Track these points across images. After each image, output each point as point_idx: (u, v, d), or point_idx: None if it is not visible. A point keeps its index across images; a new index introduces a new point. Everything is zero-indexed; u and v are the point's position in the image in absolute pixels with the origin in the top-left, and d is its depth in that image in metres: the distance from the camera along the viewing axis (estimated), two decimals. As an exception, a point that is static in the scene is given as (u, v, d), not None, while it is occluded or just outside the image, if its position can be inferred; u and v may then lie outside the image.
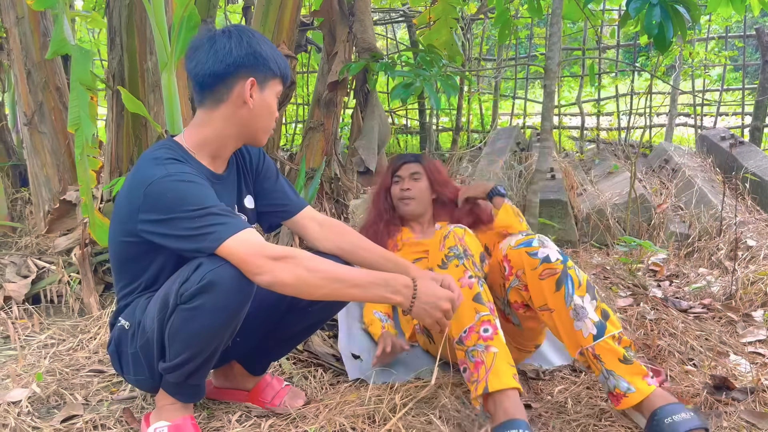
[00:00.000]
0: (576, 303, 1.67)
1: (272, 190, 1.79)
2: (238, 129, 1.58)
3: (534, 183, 3.03)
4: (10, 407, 1.75)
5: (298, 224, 1.81)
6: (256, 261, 1.38)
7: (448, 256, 1.78)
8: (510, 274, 1.80)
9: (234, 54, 1.51)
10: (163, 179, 1.41)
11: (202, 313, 1.43)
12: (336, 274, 1.44)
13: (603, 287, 2.78)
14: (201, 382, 1.61)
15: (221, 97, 1.54)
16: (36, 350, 2.24)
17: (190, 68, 1.56)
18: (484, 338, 1.67)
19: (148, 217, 1.43)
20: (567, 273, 1.70)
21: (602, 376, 1.64)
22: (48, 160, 3.06)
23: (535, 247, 1.75)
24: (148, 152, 1.55)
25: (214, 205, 1.42)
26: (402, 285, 1.49)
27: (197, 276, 1.41)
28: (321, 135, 3.35)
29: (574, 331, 1.67)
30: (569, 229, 3.70)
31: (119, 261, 1.61)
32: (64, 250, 2.91)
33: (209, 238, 1.39)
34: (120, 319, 1.61)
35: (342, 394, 1.91)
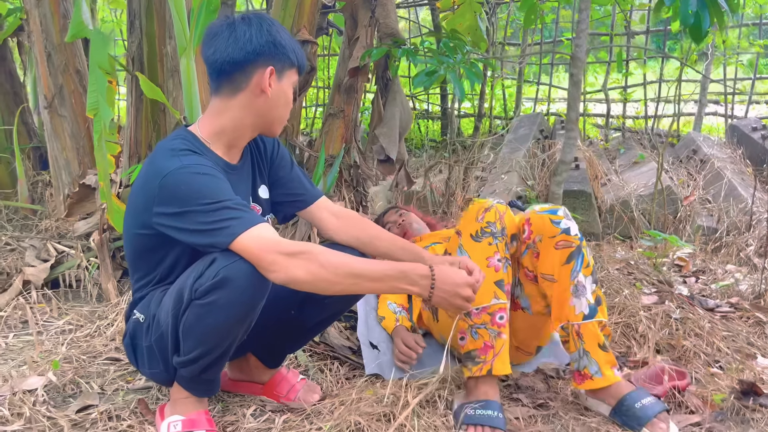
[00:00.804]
0: (579, 280, 1.72)
1: (287, 179, 1.76)
2: (254, 118, 1.55)
3: (558, 174, 2.96)
4: (26, 396, 1.75)
5: (313, 215, 1.79)
6: (269, 257, 1.35)
7: (484, 231, 1.76)
8: (528, 238, 1.80)
9: (254, 42, 1.48)
10: (179, 171, 1.39)
11: (216, 309, 1.41)
12: (352, 269, 1.41)
13: (627, 283, 2.71)
14: (216, 377, 1.60)
15: (239, 85, 1.51)
16: (54, 336, 2.25)
17: (208, 55, 1.52)
18: (498, 324, 1.71)
19: (163, 210, 1.41)
20: (580, 250, 1.74)
21: (576, 354, 1.73)
22: (68, 144, 3.05)
23: (560, 217, 1.76)
24: (164, 143, 1.52)
25: (229, 199, 1.40)
26: (419, 275, 1.47)
27: (212, 271, 1.39)
28: (341, 121, 3.29)
29: (568, 305, 1.73)
30: (593, 221, 3.62)
31: (134, 253, 1.59)
32: (84, 234, 2.91)
33: (223, 233, 1.36)
34: (135, 312, 1.60)
35: (358, 389, 1.88)
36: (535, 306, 1.90)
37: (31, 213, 3.24)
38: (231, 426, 1.70)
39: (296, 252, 1.36)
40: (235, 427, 1.69)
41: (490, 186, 4.32)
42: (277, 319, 1.75)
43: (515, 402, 1.89)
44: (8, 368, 1.94)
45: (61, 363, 1.99)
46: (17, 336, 2.24)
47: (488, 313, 1.72)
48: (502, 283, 1.75)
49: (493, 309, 1.72)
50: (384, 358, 2.11)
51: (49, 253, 2.78)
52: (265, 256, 1.35)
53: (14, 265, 2.76)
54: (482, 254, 1.76)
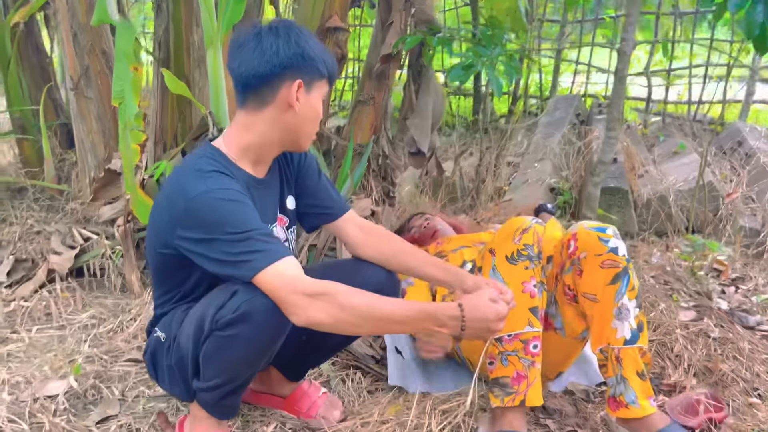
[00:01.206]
0: (623, 303, 1.65)
1: (314, 189, 1.70)
2: (281, 134, 1.48)
3: (596, 175, 2.83)
4: (47, 403, 1.74)
5: (340, 228, 1.73)
6: (289, 298, 1.29)
7: (521, 254, 1.69)
8: (573, 254, 1.72)
9: (281, 54, 1.39)
10: (205, 195, 1.33)
11: (236, 342, 1.38)
12: (376, 312, 1.34)
13: (663, 295, 2.60)
14: (236, 402, 1.57)
15: (265, 99, 1.43)
16: (77, 331, 2.24)
17: (233, 67, 1.44)
18: (532, 354, 1.66)
19: (187, 234, 1.36)
20: (627, 272, 1.66)
21: (613, 380, 1.66)
22: (94, 127, 3.00)
23: (608, 235, 1.68)
24: (191, 161, 1.46)
25: (255, 228, 1.33)
26: (448, 316, 1.40)
27: (233, 304, 1.35)
28: (371, 109, 3.18)
29: (610, 328, 1.66)
30: (628, 219, 3.49)
31: (157, 271, 1.56)
32: (109, 220, 2.88)
33: (245, 267, 1.31)
34: (156, 329, 1.56)
35: (381, 407, 1.84)
36: (570, 328, 1.82)
37: (58, 193, 3.23)
38: (250, 445, 1.67)
39: (317, 293, 1.30)
40: (254, 446, 1.66)
41: (522, 175, 4.19)
42: (300, 335, 1.70)
43: (542, 428, 1.83)
44: (31, 370, 1.94)
45: (82, 364, 1.98)
46: (41, 330, 2.23)
47: (521, 341, 1.66)
48: (536, 310, 1.69)
49: (527, 337, 1.66)
50: (408, 366, 2.06)
51: (74, 239, 2.76)
52: (285, 296, 1.29)
53: (40, 249, 2.75)
54: (518, 278, 1.69)
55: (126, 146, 2.26)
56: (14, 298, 2.40)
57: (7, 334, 2.17)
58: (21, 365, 1.98)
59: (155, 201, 1.53)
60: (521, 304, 1.66)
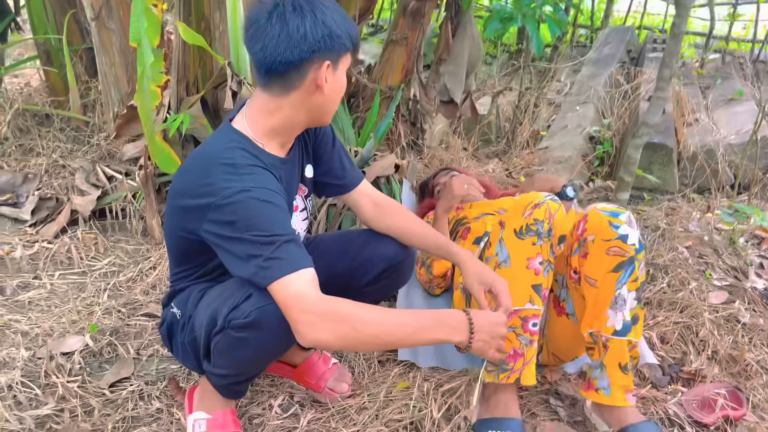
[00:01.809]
0: (621, 293, 1.60)
1: (327, 157, 1.65)
2: (307, 115, 1.42)
3: (638, 137, 2.64)
4: (63, 360, 1.78)
5: (353, 201, 1.71)
6: (296, 315, 1.25)
7: (529, 229, 1.63)
8: (580, 235, 1.67)
9: (309, 38, 1.29)
10: (240, 194, 1.27)
11: (247, 344, 1.38)
12: (385, 329, 1.30)
13: (696, 271, 2.49)
14: (244, 387, 1.58)
15: (292, 83, 1.34)
16: (97, 279, 2.27)
17: (255, 51, 1.33)
18: (531, 332, 1.63)
19: (214, 230, 1.31)
20: (633, 262, 1.60)
21: (595, 363, 1.65)
22: (116, 60, 2.91)
23: (620, 221, 1.61)
24: (219, 147, 1.37)
25: (281, 234, 1.28)
26: (457, 321, 1.38)
27: (246, 308, 1.33)
28: (403, 50, 3.00)
29: (603, 315, 1.62)
30: (669, 178, 3.31)
31: (176, 252, 1.54)
32: (132, 158, 2.86)
33: (261, 274, 1.27)
34: (173, 304, 1.56)
35: (390, 380, 1.84)
36: (581, 313, 1.76)
37: (84, 124, 3.19)
38: (257, 418, 1.69)
39: (326, 312, 1.25)
40: (260, 421, 1.68)
41: (561, 118, 3.98)
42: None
43: (552, 414, 1.81)
44: (50, 322, 1.98)
45: (100, 316, 2.01)
46: (62, 275, 2.27)
47: (520, 318, 1.63)
48: (539, 288, 1.64)
49: (526, 314, 1.63)
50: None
51: (98, 177, 2.76)
52: (293, 313, 1.25)
53: (65, 185, 2.76)
54: (523, 253, 1.64)
55: (144, 93, 2.18)
56: (38, 239, 2.43)
57: (29, 279, 2.21)
58: (41, 315, 2.02)
59: (178, 178, 1.45)
60: (524, 280, 1.63)
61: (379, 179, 2.41)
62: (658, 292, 2.35)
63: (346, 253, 1.64)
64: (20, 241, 2.40)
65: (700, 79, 4.80)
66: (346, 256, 1.64)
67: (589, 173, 3.58)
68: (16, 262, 2.29)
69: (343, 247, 1.66)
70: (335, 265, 1.64)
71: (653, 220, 2.84)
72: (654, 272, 2.45)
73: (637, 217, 2.87)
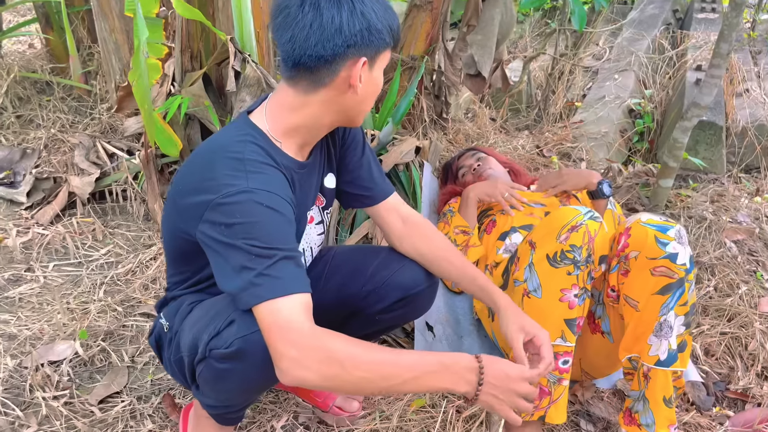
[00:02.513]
0: (668, 319, 1.42)
1: (356, 166, 1.44)
2: (336, 115, 1.23)
3: (687, 119, 2.37)
4: (51, 371, 1.65)
5: (379, 215, 1.49)
6: (281, 347, 1.06)
7: (565, 255, 1.43)
8: (621, 251, 1.47)
9: (345, 32, 1.10)
10: (242, 195, 1.10)
11: (231, 376, 1.21)
12: (379, 372, 1.10)
13: (746, 272, 2.26)
14: (238, 415, 1.42)
15: (322, 80, 1.15)
16: (93, 271, 2.12)
17: (283, 41, 1.13)
18: (561, 370, 1.48)
19: (209, 231, 1.13)
20: (683, 284, 1.41)
21: (636, 394, 1.48)
22: (116, 25, 2.69)
23: (669, 238, 1.40)
24: (230, 139, 1.20)
25: (281, 249, 1.10)
26: (464, 368, 1.16)
27: (227, 336, 1.16)
28: (428, 15, 2.73)
29: (644, 342, 1.45)
30: (717, 159, 3.03)
31: (173, 253, 1.37)
32: (133, 134, 2.68)
33: (250, 291, 1.09)
34: (162, 315, 1.40)
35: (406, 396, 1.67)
36: (618, 334, 1.58)
37: (85, 93, 3.00)
38: (257, 441, 1.55)
39: (314, 348, 1.06)
40: (260, 445, 1.54)
41: (598, 88, 3.67)
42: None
43: (582, 438, 1.64)
44: (41, 323, 1.84)
45: (95, 318, 1.87)
46: (57, 267, 2.12)
47: None
48: (573, 323, 1.46)
49: (557, 350, 1.46)
50: (438, 346, 1.88)
51: (98, 155, 2.58)
52: (278, 344, 1.07)
53: (64, 162, 2.60)
54: (557, 284, 1.45)
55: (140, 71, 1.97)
56: (33, 223, 2.28)
57: (21, 272, 2.07)
58: (32, 314, 1.89)
59: (180, 170, 1.28)
60: (556, 313, 1.46)
61: (397, 166, 2.20)
62: (703, 297, 2.13)
63: (360, 274, 1.44)
64: (14, 227, 2.25)
65: (751, 42, 4.41)
66: (360, 277, 1.44)
67: (628, 152, 3.31)
68: (9, 252, 2.15)
69: (358, 265, 1.46)
70: (347, 286, 1.45)
71: (698, 209, 2.59)
72: (699, 273, 2.23)
73: (681, 204, 2.62)
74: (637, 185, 2.66)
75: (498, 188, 2.03)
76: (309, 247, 1.43)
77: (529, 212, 2.01)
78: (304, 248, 1.42)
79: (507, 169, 2.34)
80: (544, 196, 2.03)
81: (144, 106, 2.05)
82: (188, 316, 1.30)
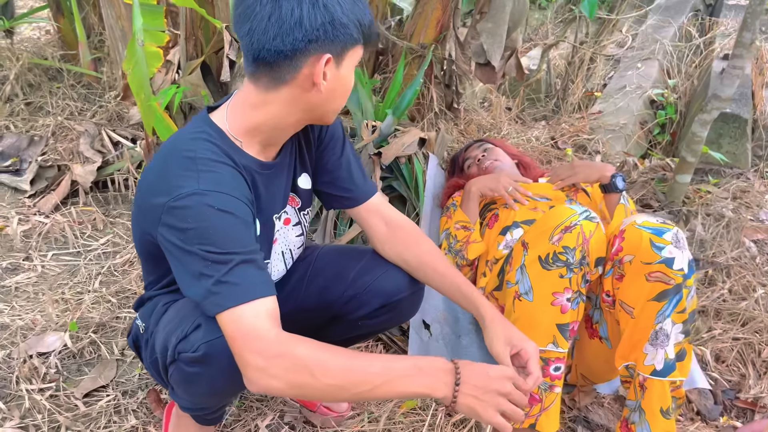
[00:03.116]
0: (664, 327, 1.36)
1: (334, 167, 1.36)
2: (301, 114, 1.15)
3: (706, 112, 2.25)
4: (39, 362, 1.64)
5: (361, 217, 1.41)
6: (246, 356, 1.02)
7: (557, 258, 1.37)
8: (615, 254, 1.40)
9: (306, 25, 1.02)
10: (192, 198, 1.04)
11: (199, 380, 1.19)
12: (350, 379, 1.05)
13: (764, 274, 2.14)
14: (217, 414, 1.39)
15: (283, 77, 1.07)
16: (91, 261, 2.11)
17: (242, 34, 1.07)
18: (552, 376, 1.42)
19: (167, 235, 1.08)
20: (680, 290, 1.35)
21: (632, 404, 1.42)
22: (123, 12, 2.66)
23: (665, 241, 1.33)
24: (184, 138, 1.14)
25: (239, 252, 1.05)
26: (439, 369, 1.09)
27: (194, 341, 1.13)
28: (438, 2, 2.64)
29: (640, 351, 1.39)
30: (741, 153, 2.89)
31: (143, 255, 1.33)
32: (139, 122, 2.66)
33: (210, 300, 1.04)
34: (137, 316, 1.37)
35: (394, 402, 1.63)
36: (616, 339, 1.51)
37: (95, 80, 3.00)
38: (241, 440, 1.52)
39: (281, 355, 1.02)
40: (243, 445, 1.51)
41: (620, 77, 3.54)
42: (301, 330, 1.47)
43: (579, 446, 1.57)
44: (34, 312, 1.83)
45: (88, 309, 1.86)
46: (56, 256, 2.12)
47: (541, 358, 1.40)
48: (566, 328, 1.40)
49: (548, 356, 1.40)
50: (434, 345, 1.82)
51: (103, 143, 2.57)
52: (243, 353, 1.02)
53: (69, 150, 2.60)
54: (549, 287, 1.39)
55: (136, 59, 1.94)
56: (35, 212, 2.28)
57: (20, 261, 2.07)
58: (26, 304, 1.88)
59: (145, 169, 1.24)
60: (547, 317, 1.40)
61: (398, 159, 2.13)
62: (716, 300, 2.03)
63: (342, 278, 1.39)
64: (16, 215, 2.26)
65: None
66: (342, 282, 1.38)
67: (647, 144, 3.19)
68: (9, 240, 2.15)
69: (340, 269, 1.40)
70: (329, 290, 1.39)
71: (717, 206, 2.48)
72: (714, 273, 2.13)
73: (699, 201, 2.51)
74: (652, 180, 2.55)
75: (501, 182, 1.95)
76: (288, 249, 1.38)
77: (534, 206, 1.93)
78: (282, 251, 1.37)
79: (516, 161, 2.25)
80: (554, 188, 1.94)
81: (141, 95, 2.02)
82: (162, 317, 1.27)
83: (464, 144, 2.53)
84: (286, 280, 1.45)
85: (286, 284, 1.45)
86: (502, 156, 2.21)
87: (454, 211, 2.04)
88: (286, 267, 1.42)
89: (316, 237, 2.05)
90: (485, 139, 2.34)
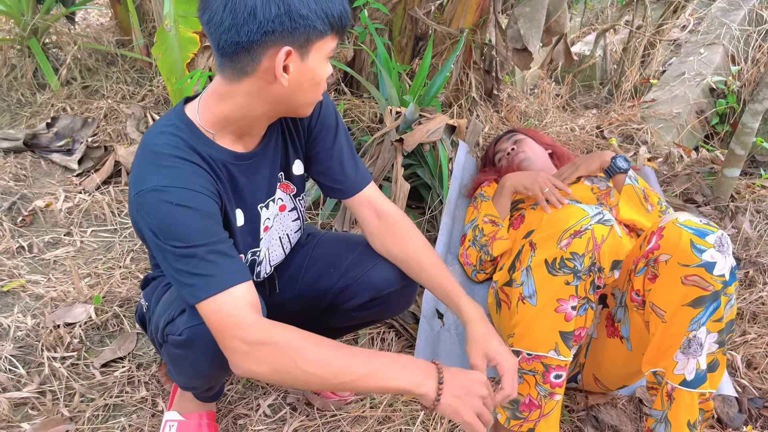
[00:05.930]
0: (698, 335, 1.27)
1: (326, 157, 1.35)
2: (268, 107, 1.13)
3: (757, 101, 2.10)
4: (64, 332, 1.74)
5: (354, 209, 1.41)
6: (227, 341, 1.05)
7: (564, 264, 1.31)
8: (651, 251, 1.31)
9: (260, 16, 0.99)
10: (150, 194, 1.06)
11: (184, 362, 1.26)
12: (330, 369, 1.05)
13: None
14: (215, 392, 1.44)
15: (244, 68, 1.06)
16: (126, 238, 2.21)
17: (203, 22, 1.06)
18: (553, 384, 1.37)
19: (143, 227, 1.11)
20: (718, 298, 1.25)
21: (658, 414, 1.33)
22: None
23: (707, 244, 1.23)
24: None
25: (202, 245, 1.06)
26: (423, 369, 1.10)
27: (179, 324, 1.19)
28: (479, -15, 2.58)
29: (670, 358, 1.30)
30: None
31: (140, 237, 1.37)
32: (182, 106, 2.75)
33: (186, 291, 1.08)
34: (142, 295, 1.43)
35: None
36: (637, 341, 1.43)
37: (147, 65, 3.12)
38: (242, 419, 1.57)
39: (261, 340, 1.04)
40: (244, 422, 1.55)
41: (680, 63, 3.35)
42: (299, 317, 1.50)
43: (585, 448, 1.52)
44: (67, 285, 1.95)
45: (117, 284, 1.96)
46: (94, 232, 2.23)
47: (542, 364, 1.35)
48: (570, 336, 1.34)
49: (549, 362, 1.35)
50: (445, 336, 1.80)
51: (147, 125, 2.68)
52: (224, 339, 1.05)
53: (117, 131, 2.72)
54: (553, 293, 1.33)
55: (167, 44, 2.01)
56: (81, 190, 2.41)
57: (61, 236, 2.19)
58: (61, 276, 2.00)
59: None
60: (550, 323, 1.34)
61: (422, 145, 2.11)
62: (753, 302, 1.90)
63: (335, 268, 1.40)
64: (63, 193, 2.39)
65: None
66: (335, 272, 1.40)
67: (702, 136, 3.00)
68: (53, 216, 2.29)
69: (334, 259, 1.41)
70: (323, 279, 1.42)
71: (769, 203, 2.31)
72: (754, 275, 1.99)
73: (751, 196, 2.35)
74: (698, 174, 2.40)
75: (538, 181, 1.85)
76: (285, 234, 1.40)
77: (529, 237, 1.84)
78: (280, 236, 1.38)
79: (549, 151, 2.18)
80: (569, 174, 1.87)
81: (171, 79, 2.09)
82: (162, 297, 1.32)
83: (503, 131, 2.47)
84: (287, 266, 1.47)
85: (287, 270, 1.47)
86: (533, 147, 2.13)
87: (482, 202, 1.99)
88: (285, 252, 1.44)
89: (335, 223, 2.06)
90: (516, 129, 2.27)
